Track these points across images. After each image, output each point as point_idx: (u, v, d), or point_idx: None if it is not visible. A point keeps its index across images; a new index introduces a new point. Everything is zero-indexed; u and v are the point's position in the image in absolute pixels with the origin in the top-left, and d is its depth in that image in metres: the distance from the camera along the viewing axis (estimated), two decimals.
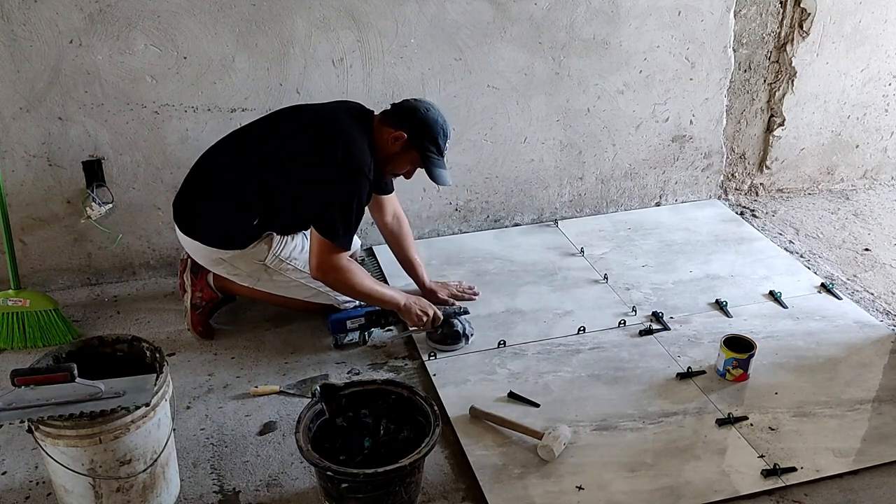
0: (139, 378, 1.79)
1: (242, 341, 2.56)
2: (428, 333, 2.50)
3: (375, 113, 2.40)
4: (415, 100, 2.38)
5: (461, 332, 2.48)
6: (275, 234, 2.37)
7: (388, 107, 2.39)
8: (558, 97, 3.05)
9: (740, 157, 3.45)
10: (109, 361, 1.91)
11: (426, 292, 2.66)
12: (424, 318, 2.43)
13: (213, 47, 2.60)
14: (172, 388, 1.89)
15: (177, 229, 2.42)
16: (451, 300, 2.65)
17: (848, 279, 2.93)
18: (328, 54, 2.72)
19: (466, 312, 2.55)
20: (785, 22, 3.19)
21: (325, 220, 2.24)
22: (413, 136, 2.29)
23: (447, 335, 2.47)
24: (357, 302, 2.53)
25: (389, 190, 2.59)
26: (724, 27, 3.11)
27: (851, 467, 2.04)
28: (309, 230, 2.33)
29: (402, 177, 2.43)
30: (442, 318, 2.46)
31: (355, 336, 2.54)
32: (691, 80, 3.17)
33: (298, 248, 2.41)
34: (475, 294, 2.74)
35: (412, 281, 2.70)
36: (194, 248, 2.39)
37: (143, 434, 1.78)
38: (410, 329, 2.51)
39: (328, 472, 1.76)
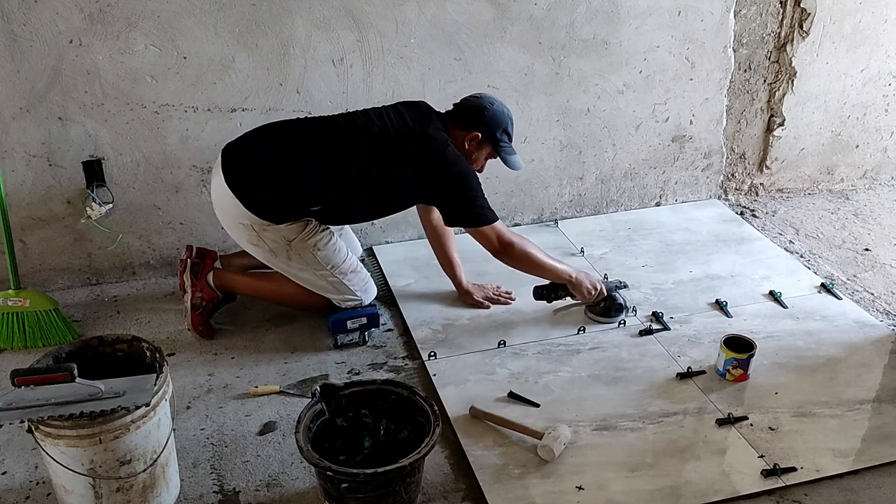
0: (139, 378, 1.79)
1: (242, 341, 2.56)
2: (589, 307, 2.58)
3: (441, 112, 2.48)
4: (475, 97, 2.48)
5: (623, 304, 2.58)
6: (314, 220, 2.38)
7: (452, 108, 2.48)
8: (558, 97, 3.05)
9: (740, 157, 3.45)
10: (109, 361, 1.91)
11: (462, 292, 2.71)
12: (594, 292, 2.51)
13: (213, 47, 2.60)
14: (172, 388, 1.89)
15: (218, 179, 2.35)
16: (487, 302, 2.69)
17: (848, 279, 2.93)
18: (328, 54, 2.72)
19: (626, 286, 2.67)
20: (785, 22, 3.19)
21: (467, 213, 2.38)
22: (487, 133, 2.41)
23: (610, 308, 2.57)
24: (358, 301, 2.53)
25: None
26: (724, 27, 3.11)
27: (851, 467, 2.04)
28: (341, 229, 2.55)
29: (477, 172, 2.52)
30: (606, 292, 2.55)
31: (355, 336, 2.54)
32: (691, 80, 3.17)
33: (325, 240, 2.42)
34: (511, 299, 2.73)
35: (451, 281, 2.75)
36: (229, 205, 2.35)
37: (143, 434, 1.78)
38: (576, 301, 2.57)
39: (328, 472, 1.76)
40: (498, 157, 2.48)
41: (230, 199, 2.33)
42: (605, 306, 2.57)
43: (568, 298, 2.57)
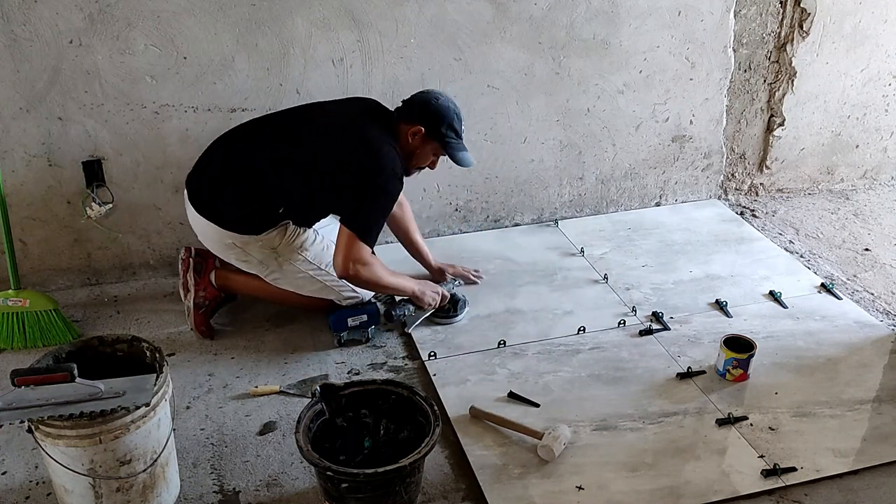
0: (139, 378, 1.79)
1: (242, 341, 2.56)
2: (433, 314, 2.61)
3: (391, 109, 2.47)
4: (424, 92, 2.46)
5: (463, 299, 2.66)
6: (291, 223, 2.38)
7: (400, 104, 2.45)
8: (558, 97, 3.05)
9: (740, 157, 3.45)
10: (109, 361, 1.91)
11: (435, 272, 2.79)
12: (437, 297, 2.56)
13: (213, 47, 2.60)
14: (172, 388, 1.89)
15: (190, 209, 2.41)
16: (459, 280, 2.79)
17: (848, 279, 2.93)
18: (328, 54, 2.72)
19: (461, 284, 2.77)
20: (785, 22, 3.19)
21: (358, 217, 2.32)
22: (430, 126, 2.38)
23: (452, 306, 2.62)
24: (359, 298, 2.53)
25: None
26: (724, 27, 3.11)
27: (851, 467, 2.05)
28: (321, 225, 2.47)
29: (427, 168, 2.51)
30: (449, 295, 2.61)
31: (356, 334, 2.54)
32: (691, 80, 3.17)
33: (310, 239, 2.43)
34: (480, 277, 2.85)
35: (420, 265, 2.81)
36: (207, 231, 2.39)
37: (143, 434, 1.78)
38: (426, 311, 2.59)
39: (328, 472, 1.76)
40: (446, 155, 2.44)
41: (206, 226, 2.37)
42: (447, 307, 2.62)
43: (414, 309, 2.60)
